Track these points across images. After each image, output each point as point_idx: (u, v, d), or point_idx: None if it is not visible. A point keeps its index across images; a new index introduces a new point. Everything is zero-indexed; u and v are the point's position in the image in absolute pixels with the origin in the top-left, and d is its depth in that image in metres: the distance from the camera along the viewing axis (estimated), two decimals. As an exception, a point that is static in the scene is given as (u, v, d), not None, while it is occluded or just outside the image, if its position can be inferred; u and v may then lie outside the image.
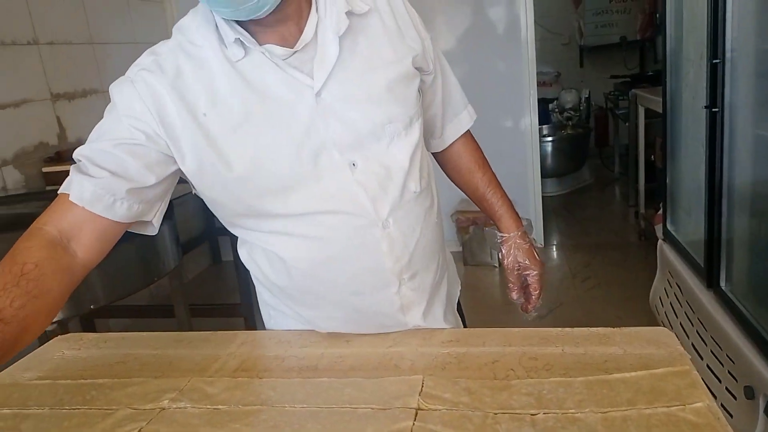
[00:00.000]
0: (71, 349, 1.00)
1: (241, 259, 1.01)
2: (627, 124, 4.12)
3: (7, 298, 0.68)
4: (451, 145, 1.11)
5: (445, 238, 1.11)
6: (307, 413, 0.71)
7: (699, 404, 0.65)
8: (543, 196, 3.62)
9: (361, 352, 0.91)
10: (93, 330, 2.56)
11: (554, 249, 3.64)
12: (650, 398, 0.68)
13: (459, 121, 1.10)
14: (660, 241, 2.46)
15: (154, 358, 0.93)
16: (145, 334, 1.04)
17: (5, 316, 0.67)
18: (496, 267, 3.39)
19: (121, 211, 0.81)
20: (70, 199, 0.79)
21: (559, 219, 4.19)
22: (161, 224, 1.29)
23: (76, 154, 0.83)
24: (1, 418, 0.76)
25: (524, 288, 1.09)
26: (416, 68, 0.93)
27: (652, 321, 2.41)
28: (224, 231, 1.03)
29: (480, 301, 3.12)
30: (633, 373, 0.73)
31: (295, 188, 0.84)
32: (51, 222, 0.79)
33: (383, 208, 0.87)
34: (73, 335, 1.06)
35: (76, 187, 0.79)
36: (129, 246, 1.71)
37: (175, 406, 0.75)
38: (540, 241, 3.64)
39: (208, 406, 0.75)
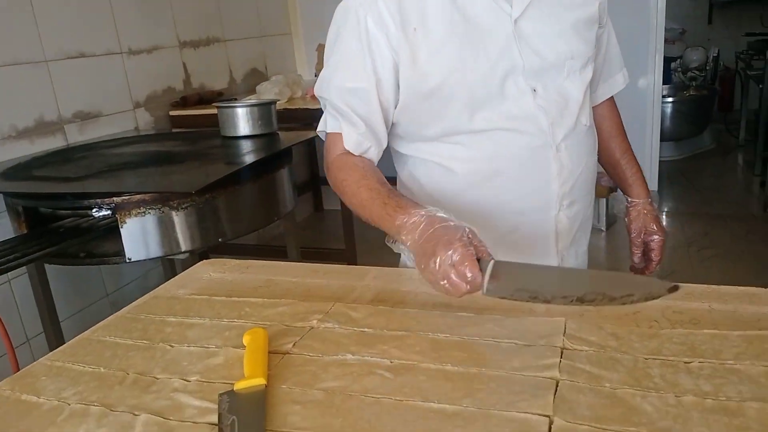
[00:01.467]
0: (217, 272, 1.08)
1: (401, 179, 1.10)
2: (761, 86, 3.78)
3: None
4: (599, 104, 1.15)
5: None
6: (452, 342, 0.73)
7: None
8: (660, 160, 3.43)
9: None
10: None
11: (668, 216, 3.45)
12: (820, 357, 0.64)
13: (614, 81, 1.15)
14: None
15: (294, 285, 0.99)
16: (283, 263, 1.10)
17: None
18: (602, 231, 3.27)
19: (371, 154, 1.00)
20: (344, 146, 0.99)
21: (675, 185, 3.96)
22: (283, 169, 1.35)
23: (325, 91, 0.99)
24: (169, 324, 0.84)
25: (645, 253, 1.18)
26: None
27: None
28: (327, 181, 1.08)
29: (585, 265, 3.04)
30: (798, 332, 0.69)
31: (482, 106, 0.93)
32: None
33: (559, 133, 0.95)
34: (217, 260, 1.14)
35: (345, 137, 0.98)
36: (253, 186, 1.80)
37: (323, 326, 0.80)
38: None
39: (355, 329, 0.78)
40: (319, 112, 1.10)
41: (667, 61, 4.48)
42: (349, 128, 0.98)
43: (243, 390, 0.65)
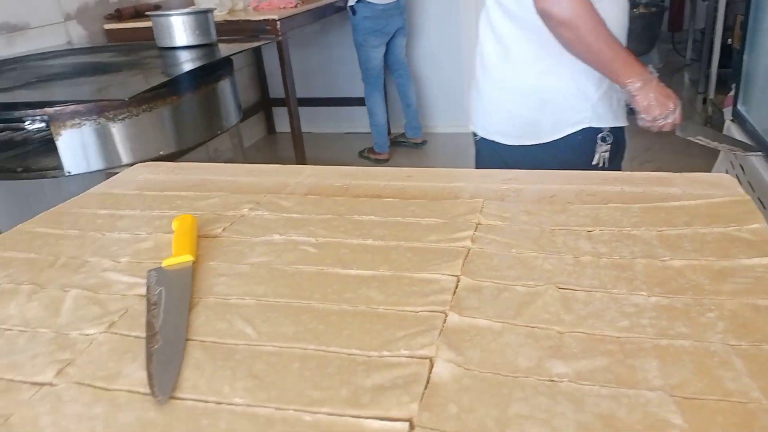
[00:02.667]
0: (151, 173, 1.08)
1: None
2: (706, 2, 3.82)
3: None
4: None
5: None
6: (376, 222, 0.77)
7: (756, 225, 0.67)
8: (606, 77, 3.47)
9: (421, 185, 0.95)
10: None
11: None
12: (707, 221, 0.70)
13: None
14: (728, 122, 2.37)
15: (228, 183, 1.00)
16: (218, 164, 1.11)
17: None
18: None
19: None
20: None
21: (619, 103, 4.03)
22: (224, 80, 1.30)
23: None
24: (100, 216, 0.85)
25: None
26: None
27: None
28: (279, 102, 1.07)
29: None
30: (691, 202, 0.75)
31: None
32: None
33: None
34: (152, 163, 1.14)
35: None
36: (193, 97, 1.76)
37: (254, 213, 0.82)
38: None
39: (284, 215, 0.81)
40: (261, 25, 1.07)
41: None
42: None
43: (171, 266, 0.67)
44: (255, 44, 2.11)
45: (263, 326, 0.57)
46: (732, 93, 2.44)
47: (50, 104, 1.51)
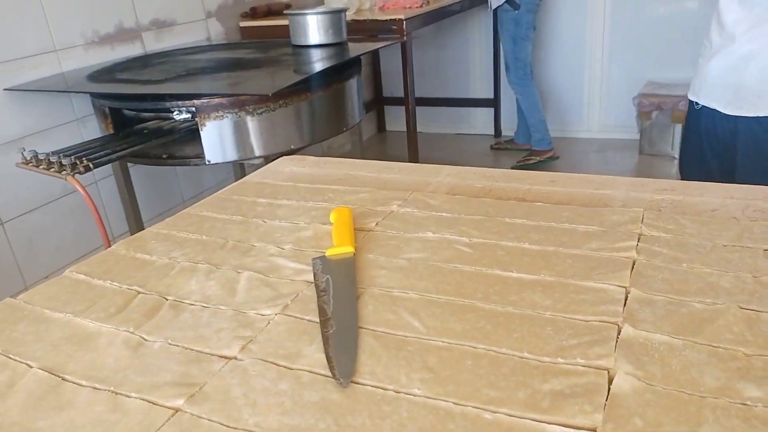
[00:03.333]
0: (297, 166, 1.13)
1: None
2: None
3: None
4: None
5: (624, 123, 1.24)
6: (529, 226, 0.76)
7: None
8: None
9: (567, 191, 0.93)
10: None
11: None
12: None
13: None
14: None
15: (371, 179, 1.03)
16: (358, 160, 1.14)
17: None
18: (675, 158, 3.16)
19: None
20: None
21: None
22: (353, 78, 1.48)
23: None
24: (259, 204, 0.90)
25: None
26: None
27: None
28: (391, 101, 1.09)
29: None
30: None
31: None
32: None
33: None
34: (297, 156, 1.19)
35: None
36: (324, 95, 1.83)
37: (403, 210, 0.84)
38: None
39: (433, 213, 0.82)
40: (387, 25, 1.11)
41: None
42: None
43: (334, 256, 0.70)
44: (383, 44, 2.16)
45: (430, 321, 0.58)
46: None
47: (198, 96, 1.62)
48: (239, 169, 2.45)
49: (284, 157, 1.21)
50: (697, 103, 1.48)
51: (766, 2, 1.28)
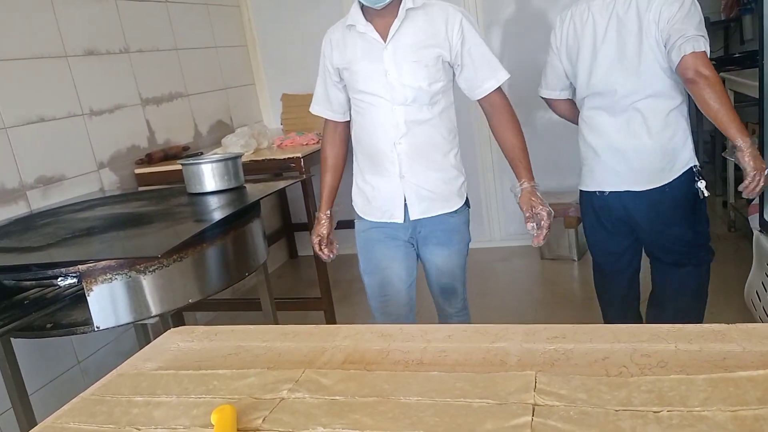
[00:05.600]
0: (185, 341, 1.06)
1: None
2: (713, 109, 3.91)
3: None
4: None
5: (523, 231, 1.64)
6: (423, 405, 0.73)
7: (840, 405, 0.62)
8: (623, 187, 3.50)
9: (463, 347, 0.92)
10: (182, 322, 2.69)
11: (636, 242, 3.51)
12: (783, 398, 0.65)
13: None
14: (756, 233, 2.34)
15: (264, 350, 0.98)
16: (252, 327, 1.09)
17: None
18: (574, 261, 3.31)
19: None
20: None
21: (639, 210, 4.03)
22: (252, 222, 1.73)
23: None
24: (135, 405, 0.82)
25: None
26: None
27: (748, 317, 2.29)
28: (301, 227, 1.10)
29: (560, 296, 3.06)
30: (760, 372, 0.71)
31: None
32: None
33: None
34: (185, 328, 1.12)
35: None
36: (222, 242, 1.78)
37: (293, 396, 0.79)
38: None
39: (326, 397, 0.77)
40: (286, 163, 1.13)
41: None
42: None
43: (212, 475, 0.63)
44: (282, 185, 2.17)
45: None
46: (756, 201, 2.43)
47: (83, 262, 1.53)
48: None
49: (171, 330, 1.13)
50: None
51: None
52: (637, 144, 1.79)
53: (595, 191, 1.92)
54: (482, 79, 1.60)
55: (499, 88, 1.62)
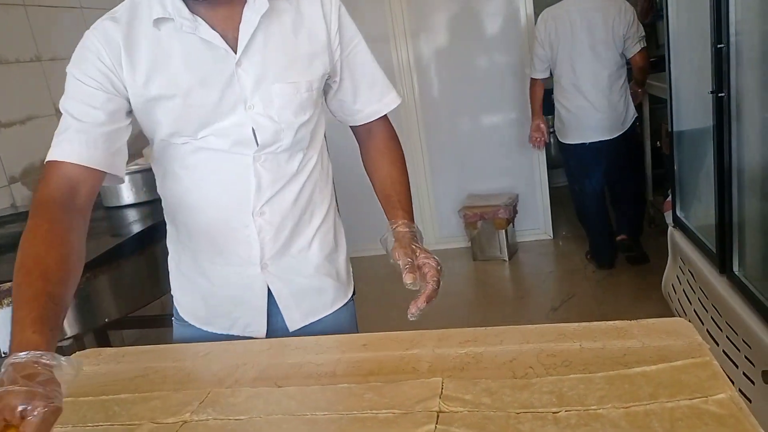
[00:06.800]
0: (91, 365, 1.01)
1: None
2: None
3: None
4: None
5: (456, 233, 1.15)
6: (329, 420, 0.72)
7: (721, 395, 0.65)
8: (550, 187, 3.61)
9: (378, 355, 0.91)
10: (107, 341, 2.58)
11: (563, 240, 3.63)
12: (672, 391, 0.68)
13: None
14: (670, 228, 2.45)
15: (174, 370, 0.94)
16: (164, 346, 1.05)
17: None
18: (505, 261, 3.38)
19: None
20: None
21: (566, 209, 4.17)
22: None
23: None
24: (27, 437, 0.77)
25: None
26: None
27: (665, 309, 2.40)
28: None
29: (492, 296, 3.12)
30: (653, 367, 0.73)
31: None
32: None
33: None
34: (93, 351, 1.07)
35: None
36: (140, 258, 1.72)
37: (197, 418, 0.76)
38: (549, 233, 3.63)
39: (230, 417, 0.75)
40: None
41: (548, 93, 4.77)
42: None
43: None
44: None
45: None
46: (669, 198, 2.55)
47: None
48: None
49: (77, 353, 1.08)
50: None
51: None
52: None
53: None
54: (365, 101, 1.10)
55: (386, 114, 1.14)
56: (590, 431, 0.63)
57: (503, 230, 3.29)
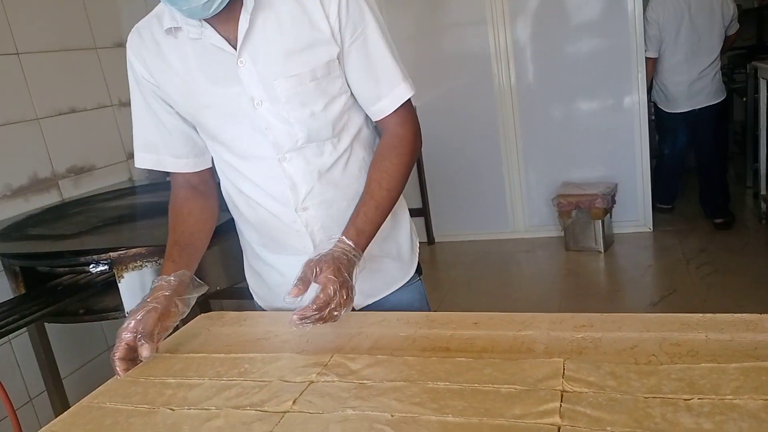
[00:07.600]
0: (215, 326, 1.08)
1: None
2: (744, 99, 3.84)
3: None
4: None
5: (548, 222, 1.08)
6: (452, 391, 0.73)
7: None
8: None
9: (490, 334, 0.92)
10: (208, 309, 2.73)
11: (666, 234, 3.46)
12: (817, 387, 0.64)
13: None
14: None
15: (292, 335, 0.99)
16: (281, 312, 1.11)
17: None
18: (600, 252, 3.28)
19: None
20: None
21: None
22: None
23: None
24: (169, 386, 0.84)
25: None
26: None
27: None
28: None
29: (585, 288, 3.04)
30: (794, 361, 0.70)
31: None
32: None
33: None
34: (215, 313, 1.14)
35: None
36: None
37: (323, 379, 0.80)
38: (649, 226, 3.48)
39: (354, 381, 0.78)
40: None
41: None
42: None
43: (245, 454, 0.65)
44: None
45: None
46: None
47: (114, 249, 1.57)
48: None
49: (201, 315, 1.15)
50: None
51: None
52: None
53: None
54: (372, 97, 1.05)
55: (401, 107, 1.05)
56: (726, 420, 0.61)
57: (599, 220, 3.18)
